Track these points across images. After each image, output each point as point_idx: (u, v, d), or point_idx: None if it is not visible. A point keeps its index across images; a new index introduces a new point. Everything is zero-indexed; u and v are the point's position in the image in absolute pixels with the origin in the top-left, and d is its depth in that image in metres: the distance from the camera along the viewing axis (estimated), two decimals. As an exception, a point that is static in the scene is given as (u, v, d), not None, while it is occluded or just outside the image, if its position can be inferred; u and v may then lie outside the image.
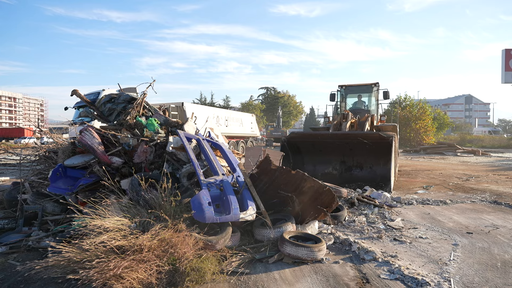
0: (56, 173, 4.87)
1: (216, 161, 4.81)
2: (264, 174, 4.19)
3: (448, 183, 9.30)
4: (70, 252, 2.97)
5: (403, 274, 3.40)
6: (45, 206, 4.67)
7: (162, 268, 3.01)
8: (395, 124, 9.98)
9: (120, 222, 3.27)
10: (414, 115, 27.07)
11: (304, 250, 3.64)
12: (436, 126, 30.05)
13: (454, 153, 21.47)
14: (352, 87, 12.30)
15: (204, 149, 5.13)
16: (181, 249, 3.08)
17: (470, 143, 32.64)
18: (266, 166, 4.13)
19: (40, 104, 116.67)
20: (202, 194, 3.77)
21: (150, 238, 3.11)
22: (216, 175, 4.45)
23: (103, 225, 3.11)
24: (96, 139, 4.91)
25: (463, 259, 3.84)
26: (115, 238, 3.05)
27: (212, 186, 4.08)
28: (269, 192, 4.35)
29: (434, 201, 6.88)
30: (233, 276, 3.33)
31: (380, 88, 11.71)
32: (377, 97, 11.81)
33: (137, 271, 2.83)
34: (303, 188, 4.44)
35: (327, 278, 3.38)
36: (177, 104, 13.44)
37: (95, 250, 2.96)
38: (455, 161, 16.48)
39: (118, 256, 2.92)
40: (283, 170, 4.27)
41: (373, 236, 4.65)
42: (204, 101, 53.92)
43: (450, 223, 5.32)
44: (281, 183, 4.33)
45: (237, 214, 3.74)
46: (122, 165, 4.98)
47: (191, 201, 3.69)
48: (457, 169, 12.73)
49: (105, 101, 6.25)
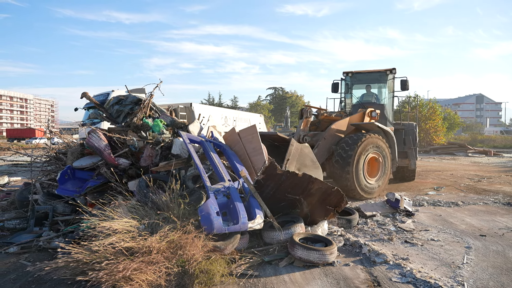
0: (64, 175, 4.91)
1: (221, 166, 4.71)
2: (270, 179, 4.14)
3: (460, 184, 9.15)
4: (80, 253, 2.98)
5: (415, 277, 3.33)
6: (56, 206, 4.73)
7: (171, 270, 2.99)
8: (374, 123, 7.70)
9: (128, 224, 3.27)
10: (424, 115, 26.73)
11: (315, 254, 3.58)
12: (447, 126, 29.66)
13: (465, 153, 21.15)
14: (360, 74, 9.65)
15: (208, 153, 4.99)
16: (190, 251, 3.06)
17: (481, 143, 32.14)
18: (272, 171, 4.07)
19: (50, 105, 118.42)
20: (210, 203, 3.68)
21: (159, 240, 3.09)
22: (222, 180, 4.36)
23: (111, 227, 3.11)
24: (103, 141, 4.93)
25: (476, 263, 3.75)
26: (124, 240, 3.05)
27: (219, 193, 4.00)
28: (277, 196, 4.32)
29: (445, 203, 6.77)
30: (242, 279, 3.31)
31: (397, 76, 9.19)
32: (393, 88, 9.33)
33: (146, 272, 2.82)
34: (310, 190, 4.40)
35: (338, 281, 3.33)
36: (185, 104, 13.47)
37: (104, 251, 2.96)
38: (466, 162, 16.23)
39: (127, 257, 2.92)
40: (290, 174, 4.23)
41: (384, 238, 4.58)
42: (212, 101, 54.11)
43: (463, 225, 5.22)
44: (288, 186, 4.29)
45: (246, 224, 3.68)
46: (129, 167, 5.00)
47: (199, 210, 3.62)
48: (468, 170, 12.53)
49: (114, 102, 6.30)
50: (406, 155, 9.11)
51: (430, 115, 26.77)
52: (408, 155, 9.09)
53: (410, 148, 9.11)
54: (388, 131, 8.06)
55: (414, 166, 9.19)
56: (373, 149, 7.33)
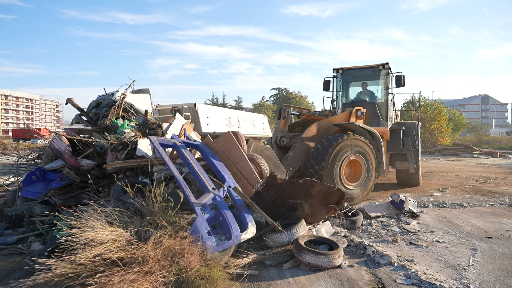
0: (31, 176, 4.90)
1: (201, 172, 4.35)
2: (270, 188, 4.10)
3: (465, 186, 9.08)
4: (62, 267, 2.73)
5: (420, 279, 3.31)
6: (34, 208, 4.66)
7: (167, 279, 2.84)
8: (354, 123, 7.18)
9: (115, 233, 3.05)
10: (429, 116, 26.59)
11: (324, 258, 3.54)
12: (452, 127, 29.49)
13: (470, 154, 21.00)
14: (352, 71, 8.93)
15: (185, 158, 4.51)
16: (187, 258, 2.94)
17: (487, 144, 31.90)
18: (272, 181, 4.05)
19: (56, 105, 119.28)
20: (199, 223, 3.46)
21: (154, 248, 2.94)
22: (205, 190, 4.04)
23: (96, 238, 2.88)
24: (64, 143, 4.96)
25: (482, 265, 3.71)
26: (112, 250, 2.85)
27: (206, 208, 3.77)
28: (278, 202, 4.29)
29: (450, 204, 6.72)
30: (245, 282, 3.28)
31: (392, 71, 8.48)
32: (388, 84, 8.49)
33: (142, 284, 2.67)
34: (312, 193, 4.39)
35: (342, 282, 3.31)
36: (189, 105, 13.48)
37: (91, 264, 2.75)
38: (471, 163, 16.11)
39: (121, 269, 2.74)
40: (291, 182, 4.21)
41: (388, 239, 4.55)
42: (216, 102, 54.20)
43: (468, 227, 5.17)
44: (289, 192, 4.25)
45: (239, 237, 3.57)
46: (93, 167, 4.90)
47: (191, 231, 3.39)
48: (473, 171, 12.43)
49: (93, 106, 6.44)
50: (405, 157, 8.40)
51: (435, 116, 26.62)
52: (407, 157, 8.37)
53: (409, 150, 8.32)
54: (373, 132, 7.44)
55: (414, 170, 8.37)
56: (353, 151, 6.78)
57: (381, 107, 8.49)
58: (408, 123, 8.86)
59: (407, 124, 8.83)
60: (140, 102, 11.14)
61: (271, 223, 3.97)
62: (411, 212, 5.77)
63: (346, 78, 9.06)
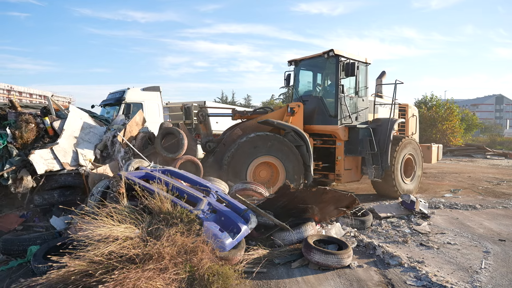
0: None
1: (186, 187, 4.40)
2: (282, 196, 4.13)
3: (478, 187, 8.92)
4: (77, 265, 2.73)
5: (431, 281, 3.26)
6: None
7: (180, 276, 2.86)
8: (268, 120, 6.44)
9: (128, 230, 3.09)
10: (441, 116, 26.18)
11: (334, 258, 3.54)
12: (464, 127, 28.94)
13: (483, 155, 20.61)
14: (305, 61, 7.91)
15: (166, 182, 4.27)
16: (199, 256, 2.97)
17: (501, 145, 31.24)
18: (285, 190, 4.07)
19: (68, 102, 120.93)
20: (210, 225, 3.54)
21: (169, 245, 2.96)
22: (199, 200, 4.05)
23: (111, 234, 2.92)
24: None
25: (495, 268, 3.65)
26: (126, 247, 2.88)
27: (206, 213, 3.86)
28: (288, 207, 4.30)
29: (462, 206, 6.61)
30: (255, 280, 3.30)
31: (341, 59, 7.00)
32: (340, 74, 7.00)
33: (156, 281, 2.68)
34: (324, 199, 4.36)
35: (351, 282, 3.29)
36: (199, 103, 13.54)
37: (107, 260, 2.75)
38: (484, 164, 15.82)
39: (136, 266, 2.75)
40: (303, 190, 4.21)
41: (398, 240, 4.50)
42: (225, 100, 54.30)
43: (481, 229, 5.09)
44: (301, 199, 4.25)
45: (247, 227, 3.73)
46: None
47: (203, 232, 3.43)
48: (487, 173, 12.20)
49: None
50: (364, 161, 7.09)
51: (447, 116, 26.20)
52: (365, 161, 7.01)
53: (368, 153, 6.89)
54: (299, 132, 6.45)
55: (373, 177, 6.93)
56: (267, 154, 6.09)
57: (329, 102, 7.21)
58: (384, 120, 7.48)
59: (383, 121, 7.46)
60: (151, 100, 11.22)
61: (278, 224, 3.98)
62: (422, 213, 5.70)
63: (300, 70, 8.10)
